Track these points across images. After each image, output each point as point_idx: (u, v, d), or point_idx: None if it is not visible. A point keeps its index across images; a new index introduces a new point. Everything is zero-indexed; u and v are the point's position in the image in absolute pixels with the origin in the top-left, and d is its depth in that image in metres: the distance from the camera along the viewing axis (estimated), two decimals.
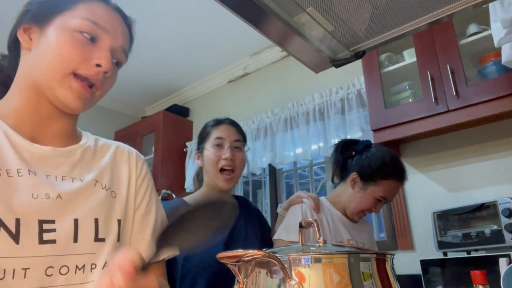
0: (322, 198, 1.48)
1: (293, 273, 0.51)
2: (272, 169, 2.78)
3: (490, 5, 1.09)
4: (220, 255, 0.49)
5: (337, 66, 0.85)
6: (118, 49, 0.71)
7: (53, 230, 0.60)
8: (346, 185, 1.41)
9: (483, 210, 1.58)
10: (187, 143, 3.20)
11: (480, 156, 1.88)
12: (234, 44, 2.82)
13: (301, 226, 0.69)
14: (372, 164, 1.33)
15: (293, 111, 2.58)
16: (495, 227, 1.52)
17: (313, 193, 1.70)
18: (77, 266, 0.62)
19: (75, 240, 0.62)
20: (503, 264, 1.32)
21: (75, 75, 0.65)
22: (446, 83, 1.70)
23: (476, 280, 0.87)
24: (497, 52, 1.55)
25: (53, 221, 0.61)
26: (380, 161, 1.33)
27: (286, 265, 0.51)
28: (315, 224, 0.64)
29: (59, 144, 0.69)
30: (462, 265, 1.52)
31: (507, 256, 1.35)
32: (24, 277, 0.56)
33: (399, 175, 1.34)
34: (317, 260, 0.53)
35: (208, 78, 3.24)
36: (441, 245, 1.66)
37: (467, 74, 1.69)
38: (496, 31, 1.09)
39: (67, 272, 0.61)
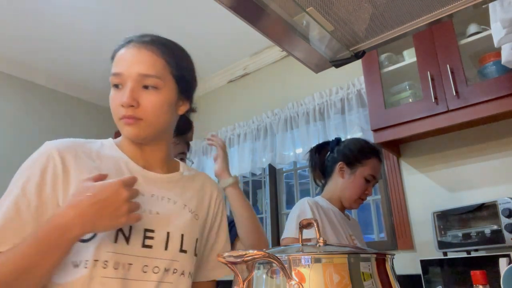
0: (318, 198, 1.49)
1: (293, 273, 0.51)
2: (272, 169, 2.78)
3: (490, 5, 1.09)
4: (220, 255, 0.49)
5: (337, 66, 0.85)
6: (138, 78, 0.80)
7: (152, 238, 0.79)
8: (335, 179, 1.49)
9: (483, 210, 1.58)
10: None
11: (480, 156, 1.88)
12: (234, 44, 2.82)
13: (301, 225, 0.69)
14: (353, 149, 1.51)
15: (293, 111, 2.58)
16: (495, 227, 1.52)
17: (313, 193, 1.70)
18: (165, 268, 0.80)
19: (166, 248, 0.81)
20: (503, 264, 1.32)
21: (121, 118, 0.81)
22: (446, 83, 1.70)
23: (476, 280, 0.88)
24: (497, 52, 1.55)
25: (153, 231, 0.80)
26: (359, 145, 1.53)
27: (286, 265, 0.51)
28: (315, 224, 0.64)
29: (163, 171, 0.91)
30: (462, 265, 1.52)
31: (507, 256, 1.35)
32: (128, 270, 0.75)
33: (378, 153, 1.53)
34: (317, 260, 0.53)
35: (208, 78, 3.23)
36: (441, 245, 1.66)
37: (467, 74, 1.69)
38: (496, 31, 1.09)
39: (158, 272, 0.79)
